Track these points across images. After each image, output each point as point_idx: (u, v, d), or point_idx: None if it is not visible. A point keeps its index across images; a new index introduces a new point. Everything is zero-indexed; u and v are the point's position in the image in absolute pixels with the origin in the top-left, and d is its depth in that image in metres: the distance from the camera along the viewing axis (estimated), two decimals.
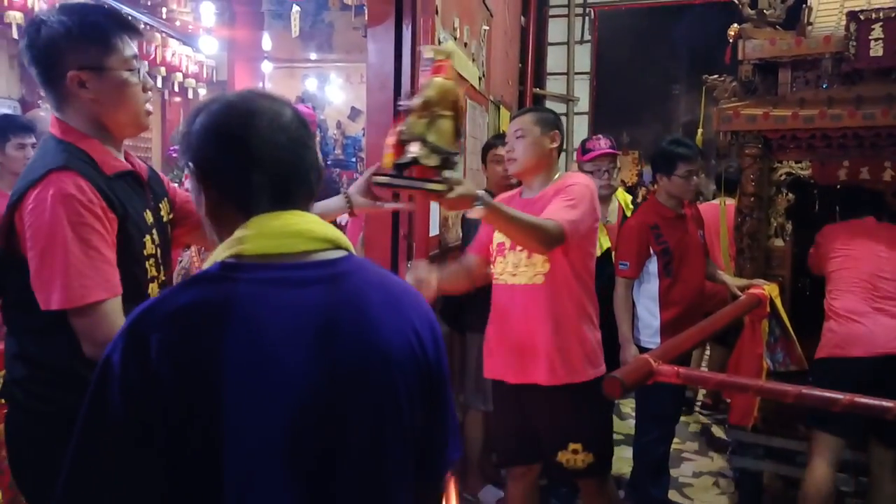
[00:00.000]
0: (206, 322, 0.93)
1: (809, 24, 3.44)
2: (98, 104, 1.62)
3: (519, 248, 2.51)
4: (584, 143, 3.59)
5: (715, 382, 2.04)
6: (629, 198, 3.71)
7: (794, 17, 3.54)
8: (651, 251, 3.19)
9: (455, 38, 3.87)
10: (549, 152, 2.60)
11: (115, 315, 1.52)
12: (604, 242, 3.35)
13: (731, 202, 3.97)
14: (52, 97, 1.64)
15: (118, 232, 1.59)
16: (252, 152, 1.03)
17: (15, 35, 4.57)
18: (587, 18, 8.91)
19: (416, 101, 1.83)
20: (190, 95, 6.96)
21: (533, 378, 2.49)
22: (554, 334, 2.45)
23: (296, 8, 2.96)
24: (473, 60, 4.51)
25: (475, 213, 2.05)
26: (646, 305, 3.23)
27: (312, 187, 1.10)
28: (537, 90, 8.72)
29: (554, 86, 9.03)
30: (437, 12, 3.34)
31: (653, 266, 3.20)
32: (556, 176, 2.63)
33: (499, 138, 3.91)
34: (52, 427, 1.55)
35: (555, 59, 9.00)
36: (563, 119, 8.78)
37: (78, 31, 1.58)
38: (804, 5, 3.53)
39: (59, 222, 1.48)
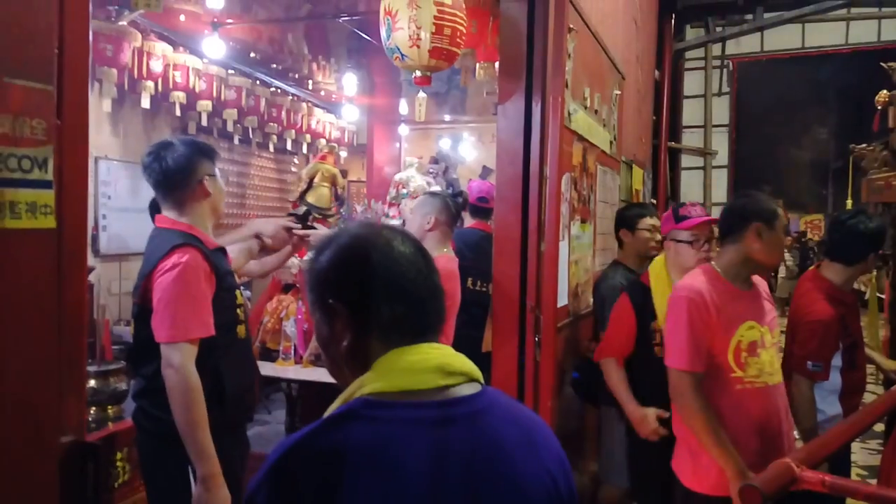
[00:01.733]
0: (349, 465, 0.93)
1: None
2: (212, 199, 2.33)
3: (771, 343, 2.40)
4: (675, 209, 3.13)
5: (866, 494, 1.86)
6: None
7: None
8: (839, 345, 2.89)
9: (585, 108, 3.87)
10: None
11: (193, 355, 2.09)
12: None
13: None
14: (179, 198, 2.28)
15: (217, 288, 2.22)
16: (394, 283, 1.05)
17: (178, 113, 5.02)
18: (725, 70, 8.65)
19: (302, 174, 2.98)
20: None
21: None
22: None
23: (422, 94, 3.12)
24: (604, 126, 4.49)
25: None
26: (823, 397, 2.93)
27: (444, 316, 1.11)
28: (672, 144, 8.54)
29: (690, 139, 8.80)
30: (567, 86, 3.37)
31: (835, 360, 2.89)
32: None
33: (645, 208, 3.85)
34: (157, 440, 2.19)
35: (691, 112, 8.79)
36: (701, 174, 8.64)
37: (203, 151, 2.32)
38: None
39: (175, 281, 2.08)
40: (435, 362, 1.03)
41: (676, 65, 8.56)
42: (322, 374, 4.09)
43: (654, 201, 7.64)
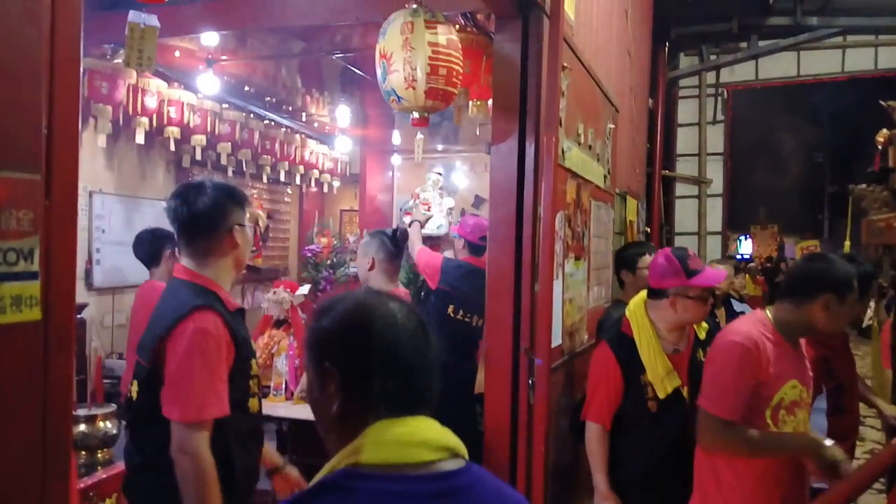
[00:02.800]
0: None
1: None
2: (239, 250, 2.11)
3: (806, 403, 2.35)
4: (683, 262, 2.81)
5: None
6: (705, 325, 3.05)
7: None
8: (822, 388, 2.87)
9: (579, 144, 3.87)
10: None
11: (207, 437, 1.87)
12: (668, 383, 2.79)
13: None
14: (202, 247, 2.07)
15: (235, 358, 1.98)
16: (392, 357, 1.06)
17: (172, 147, 5.02)
18: (720, 98, 8.67)
19: None
20: (325, 189, 7.37)
21: None
22: None
23: (419, 136, 3.12)
24: (598, 160, 4.49)
25: None
26: None
27: (435, 392, 1.11)
28: (666, 172, 8.54)
29: (685, 167, 8.80)
30: (560, 124, 3.36)
31: (819, 403, 2.90)
32: None
33: (644, 246, 3.85)
34: None
35: (685, 140, 8.80)
36: (696, 202, 8.64)
37: (235, 198, 2.11)
38: None
39: (193, 352, 1.86)
40: (421, 436, 1.03)
41: (670, 93, 8.59)
42: None
43: (648, 230, 7.64)
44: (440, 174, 6.09)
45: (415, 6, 2.83)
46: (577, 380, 3.80)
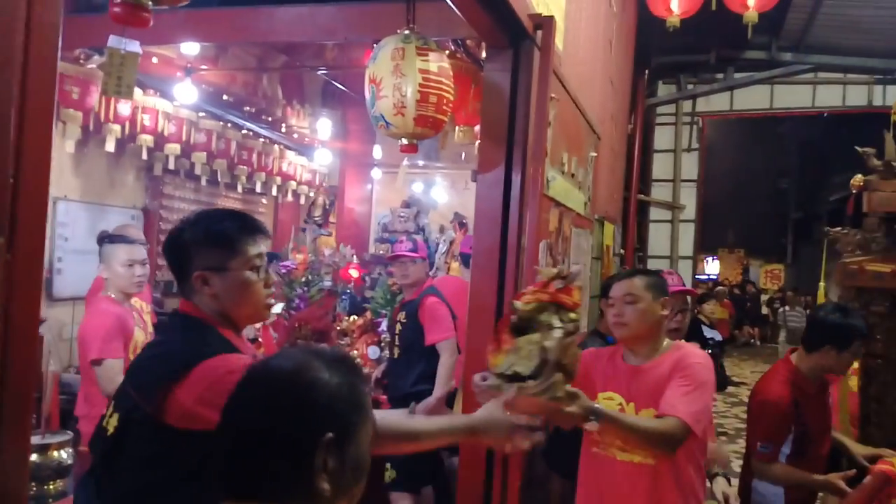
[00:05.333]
0: None
1: None
2: (218, 299, 1.72)
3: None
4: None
5: None
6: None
7: None
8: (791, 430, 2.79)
9: (563, 173, 3.84)
10: (659, 319, 2.36)
11: None
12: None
13: None
14: (183, 288, 1.76)
15: None
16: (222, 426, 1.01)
17: (144, 156, 4.87)
18: (695, 126, 8.77)
19: None
20: (302, 201, 7.25)
21: None
22: None
23: (405, 163, 3.06)
24: (580, 188, 4.46)
25: (590, 426, 1.94)
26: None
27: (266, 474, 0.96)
28: (642, 197, 8.59)
29: (659, 192, 8.88)
30: (546, 154, 3.32)
31: (784, 446, 2.80)
32: (665, 343, 2.41)
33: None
34: None
35: (661, 166, 8.90)
36: (669, 227, 8.70)
37: (203, 237, 1.72)
38: None
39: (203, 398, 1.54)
40: None
41: (648, 120, 8.67)
42: None
43: (623, 251, 7.65)
44: None
45: (406, 32, 2.76)
46: None
